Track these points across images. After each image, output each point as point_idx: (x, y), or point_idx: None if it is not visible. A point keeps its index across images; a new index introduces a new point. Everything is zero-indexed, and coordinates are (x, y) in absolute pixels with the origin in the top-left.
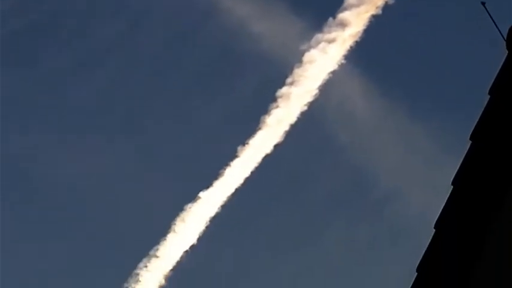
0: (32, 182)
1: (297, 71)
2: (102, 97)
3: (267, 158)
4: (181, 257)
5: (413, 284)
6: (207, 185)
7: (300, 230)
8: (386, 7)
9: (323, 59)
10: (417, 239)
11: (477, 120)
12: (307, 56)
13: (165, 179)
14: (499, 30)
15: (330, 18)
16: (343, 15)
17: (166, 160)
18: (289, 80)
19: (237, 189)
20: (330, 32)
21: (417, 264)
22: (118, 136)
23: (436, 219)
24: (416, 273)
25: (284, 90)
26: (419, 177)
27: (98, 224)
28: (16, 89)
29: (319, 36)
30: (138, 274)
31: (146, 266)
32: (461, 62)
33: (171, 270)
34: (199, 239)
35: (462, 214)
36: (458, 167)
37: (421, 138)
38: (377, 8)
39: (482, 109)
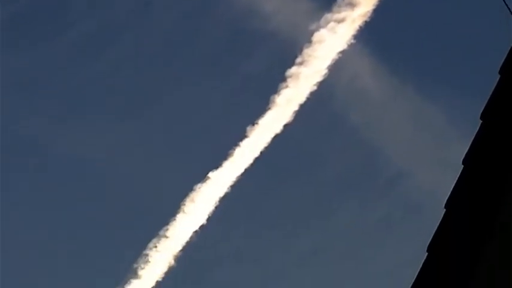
0: (40, 162)
1: (307, 51)
2: (110, 77)
3: (276, 138)
4: (191, 237)
5: (423, 264)
6: (216, 165)
7: (310, 211)
8: None
9: (332, 39)
10: (428, 218)
11: (487, 99)
12: (316, 36)
13: (174, 159)
14: (508, 8)
15: None
16: None
17: (175, 140)
18: (298, 59)
19: (246, 170)
20: (339, 12)
21: (427, 244)
22: (125, 116)
23: (446, 199)
24: (426, 253)
25: (293, 70)
26: (430, 156)
27: (106, 204)
28: (22, 71)
29: (328, 15)
30: (147, 254)
31: (156, 247)
32: (472, 41)
33: (181, 250)
34: (208, 219)
35: (473, 193)
36: (468, 146)
37: (431, 117)
38: None
39: (493, 88)
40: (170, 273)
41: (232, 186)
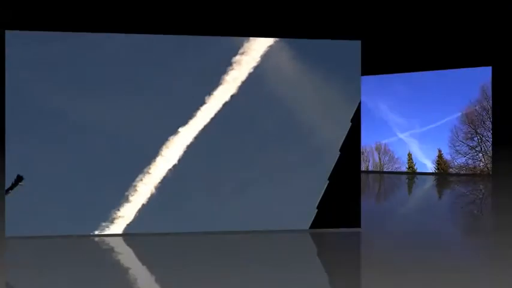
0: (63, 131)
1: None
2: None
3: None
4: (167, 173)
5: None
6: (184, 123)
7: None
8: None
9: None
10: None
11: None
12: None
13: (155, 121)
14: None
15: None
16: None
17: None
18: None
19: (205, 126)
20: None
21: None
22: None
23: None
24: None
25: None
26: None
27: (110, 153)
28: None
29: None
30: (135, 185)
31: (141, 180)
32: None
33: (159, 182)
34: (179, 160)
35: None
36: None
37: None
38: None
39: None
40: (152, 199)
41: (195, 138)
